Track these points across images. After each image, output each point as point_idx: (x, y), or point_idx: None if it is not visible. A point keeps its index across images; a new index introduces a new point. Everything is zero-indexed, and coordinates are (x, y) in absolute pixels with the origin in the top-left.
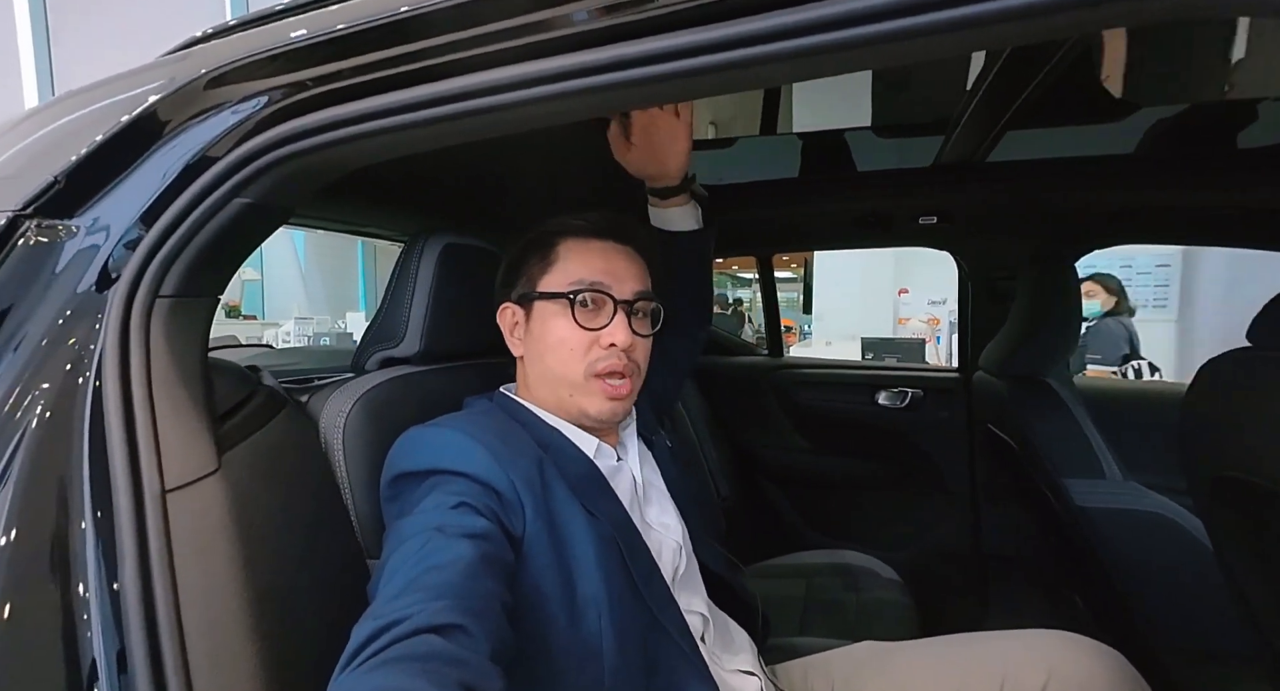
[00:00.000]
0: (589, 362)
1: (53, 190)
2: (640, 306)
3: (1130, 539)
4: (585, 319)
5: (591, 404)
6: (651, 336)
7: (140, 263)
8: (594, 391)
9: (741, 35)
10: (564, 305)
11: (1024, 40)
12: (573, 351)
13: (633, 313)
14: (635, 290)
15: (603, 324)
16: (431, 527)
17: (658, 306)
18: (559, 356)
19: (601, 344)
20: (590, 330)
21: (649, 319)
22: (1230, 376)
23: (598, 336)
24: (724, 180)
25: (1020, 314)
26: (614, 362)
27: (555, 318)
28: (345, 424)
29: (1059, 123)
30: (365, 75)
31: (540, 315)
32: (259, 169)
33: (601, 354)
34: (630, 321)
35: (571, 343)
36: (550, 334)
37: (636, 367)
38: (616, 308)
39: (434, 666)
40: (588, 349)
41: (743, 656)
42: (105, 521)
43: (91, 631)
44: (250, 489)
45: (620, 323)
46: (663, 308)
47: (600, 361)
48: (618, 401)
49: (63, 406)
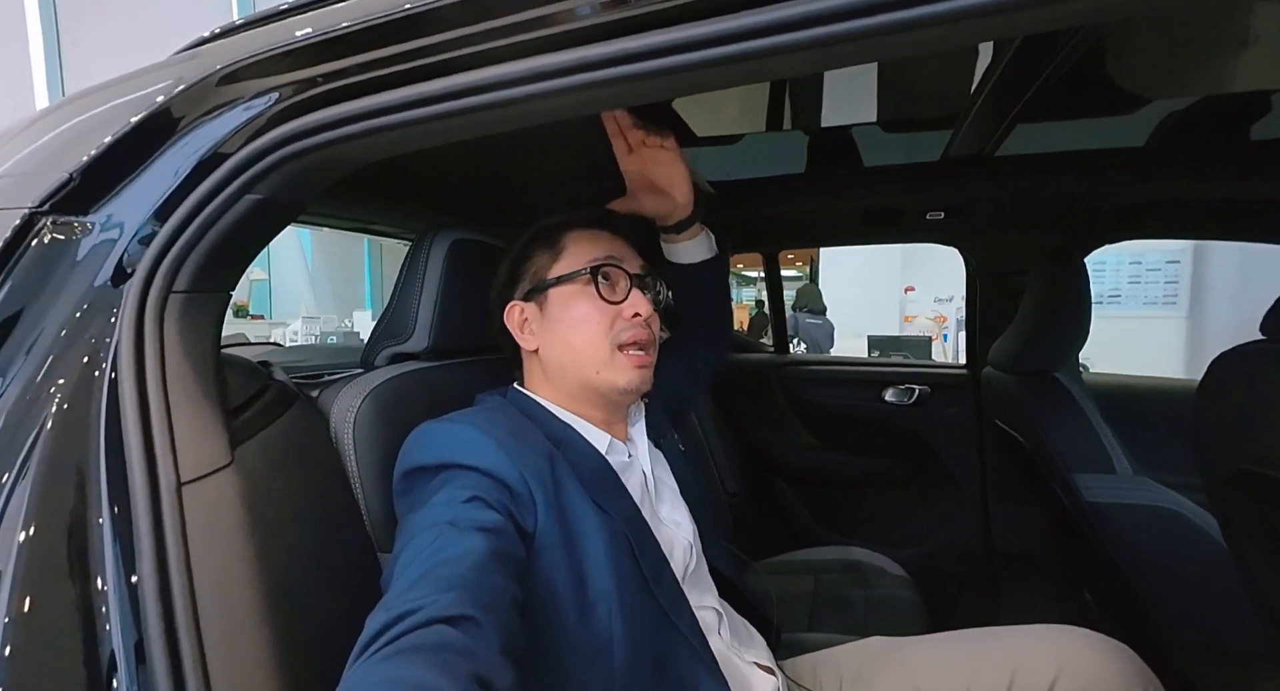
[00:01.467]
0: (614, 334)
1: (68, 187)
2: (648, 281)
3: (1141, 534)
4: (607, 292)
5: (620, 376)
6: (659, 313)
7: (154, 258)
8: (621, 364)
9: (749, 27)
10: (585, 281)
11: (1034, 28)
12: (598, 325)
13: (644, 287)
14: (641, 265)
15: (622, 297)
16: (444, 521)
17: (663, 282)
18: (584, 333)
19: (625, 315)
20: (613, 302)
21: (653, 295)
22: (1245, 370)
23: (620, 309)
24: (730, 176)
25: (1030, 309)
26: (638, 331)
27: (576, 297)
28: (355, 418)
29: (1069, 116)
30: (376, 71)
31: (558, 300)
32: (270, 165)
33: (625, 324)
34: (644, 293)
35: (595, 317)
36: (573, 312)
37: (655, 338)
38: (632, 281)
39: (446, 657)
40: (612, 321)
41: (756, 651)
42: (122, 513)
43: (110, 623)
44: (263, 482)
45: (639, 294)
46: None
47: (625, 331)
48: (644, 369)
49: (80, 399)
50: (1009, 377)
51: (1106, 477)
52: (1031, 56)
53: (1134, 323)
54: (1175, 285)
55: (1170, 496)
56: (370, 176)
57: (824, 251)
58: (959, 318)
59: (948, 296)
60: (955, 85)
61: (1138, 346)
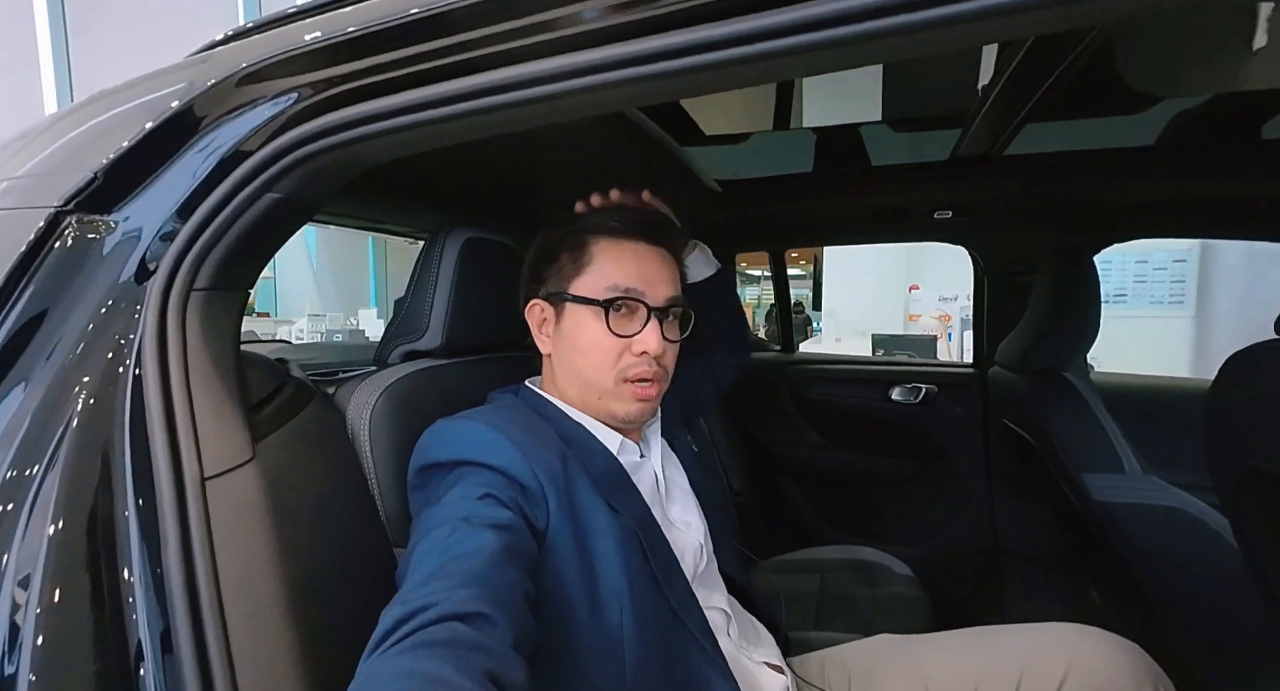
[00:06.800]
0: (620, 369)
1: (92, 187)
2: (672, 312)
3: (1150, 534)
4: (618, 326)
5: (620, 407)
6: (679, 342)
7: (176, 256)
8: (623, 395)
9: (768, 28)
10: (598, 311)
11: (1047, 29)
12: (605, 357)
13: (665, 318)
14: (667, 296)
15: (635, 331)
16: (458, 517)
17: (688, 311)
18: (590, 360)
19: (634, 350)
20: (623, 337)
21: (679, 323)
22: (1258, 369)
23: (629, 343)
24: (738, 175)
25: (1039, 308)
26: (644, 369)
27: (588, 321)
28: (371, 415)
29: (1079, 115)
30: (395, 71)
31: (572, 317)
32: (290, 164)
33: (633, 360)
34: (662, 327)
35: (604, 348)
36: (582, 337)
37: (665, 372)
38: (650, 314)
39: (459, 652)
40: (619, 355)
41: (765, 649)
42: (148, 507)
43: (137, 613)
44: (283, 477)
45: (653, 329)
46: (693, 314)
47: (632, 368)
48: (645, 402)
49: (105, 395)
50: (1017, 377)
51: (1115, 477)
52: (1042, 56)
53: (1140, 322)
54: (1182, 284)
55: (1180, 496)
56: (383, 175)
57: (828, 250)
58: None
59: (953, 295)
60: (964, 84)
61: (1144, 346)
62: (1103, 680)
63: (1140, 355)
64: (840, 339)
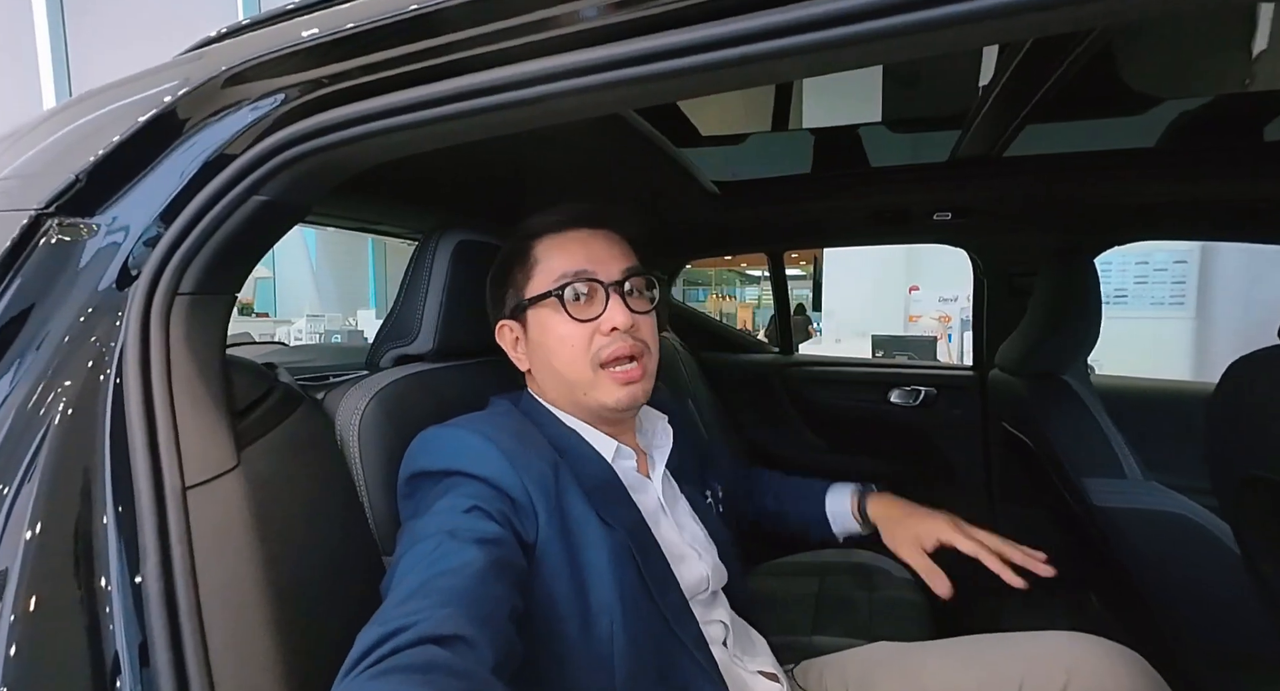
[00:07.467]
0: (594, 353)
1: (74, 189)
2: (633, 284)
3: (1151, 539)
4: (579, 311)
5: (608, 395)
6: (653, 311)
7: (159, 260)
8: (606, 383)
9: (764, 28)
10: (556, 305)
11: (1047, 31)
12: (575, 346)
13: (626, 292)
14: (623, 268)
15: (598, 312)
16: (444, 531)
17: (652, 277)
18: (564, 356)
19: (603, 330)
20: (587, 321)
21: (645, 295)
22: (1261, 374)
23: (597, 324)
24: (736, 176)
25: (1039, 311)
26: (618, 347)
27: (551, 318)
28: (360, 421)
29: (1080, 117)
30: (384, 71)
31: (536, 321)
32: (276, 167)
33: (604, 341)
34: (625, 301)
35: (573, 338)
36: (550, 335)
37: (645, 346)
38: (608, 292)
39: (434, 677)
40: (590, 339)
41: (761, 658)
42: (127, 517)
43: (114, 624)
44: (268, 485)
45: (616, 305)
46: (658, 277)
47: (605, 349)
48: (633, 384)
49: (85, 403)
50: (1016, 380)
51: (1115, 481)
52: (1043, 56)
53: (1141, 323)
54: (1182, 286)
55: (1181, 501)
56: (376, 176)
57: (828, 251)
58: (964, 317)
59: (953, 296)
60: (964, 85)
61: (1144, 347)
62: (1102, 689)
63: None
64: (840, 339)
